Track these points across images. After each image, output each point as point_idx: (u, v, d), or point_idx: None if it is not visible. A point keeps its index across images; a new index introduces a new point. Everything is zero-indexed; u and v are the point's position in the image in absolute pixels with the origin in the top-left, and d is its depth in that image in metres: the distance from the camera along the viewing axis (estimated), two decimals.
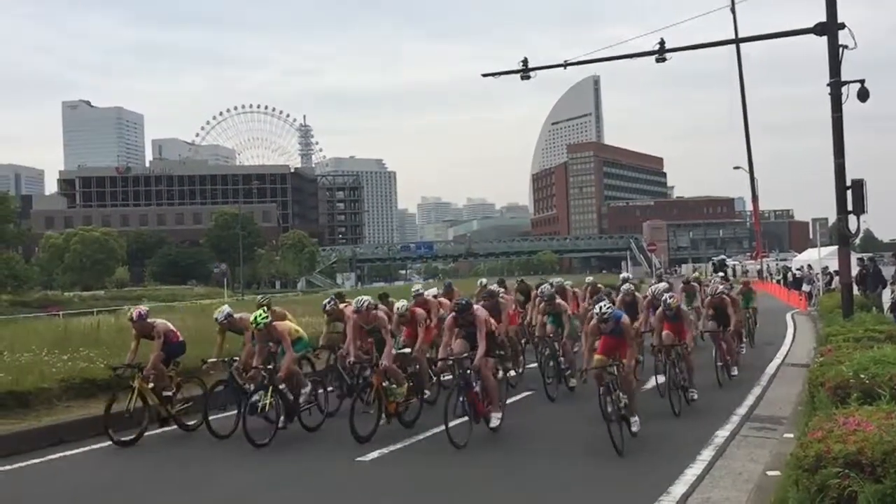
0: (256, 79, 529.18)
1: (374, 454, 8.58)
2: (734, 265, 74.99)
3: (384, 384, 9.51)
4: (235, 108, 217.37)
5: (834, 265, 23.24)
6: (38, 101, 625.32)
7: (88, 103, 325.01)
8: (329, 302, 12.54)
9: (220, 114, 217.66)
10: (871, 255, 28.59)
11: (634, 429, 8.69)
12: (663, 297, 11.21)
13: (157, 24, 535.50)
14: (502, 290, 15.05)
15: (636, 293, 14.06)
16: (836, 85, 15.45)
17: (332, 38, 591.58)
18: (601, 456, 8.00)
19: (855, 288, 19.39)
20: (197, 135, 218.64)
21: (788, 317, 25.97)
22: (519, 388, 12.82)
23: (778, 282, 43.81)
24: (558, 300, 12.82)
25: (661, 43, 18.63)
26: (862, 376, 6.72)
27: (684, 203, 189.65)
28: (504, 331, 12.32)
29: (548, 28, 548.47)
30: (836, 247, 19.31)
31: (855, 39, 15.27)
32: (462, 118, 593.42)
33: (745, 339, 17.10)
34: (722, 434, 9.02)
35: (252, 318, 9.69)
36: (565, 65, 20.24)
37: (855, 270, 20.68)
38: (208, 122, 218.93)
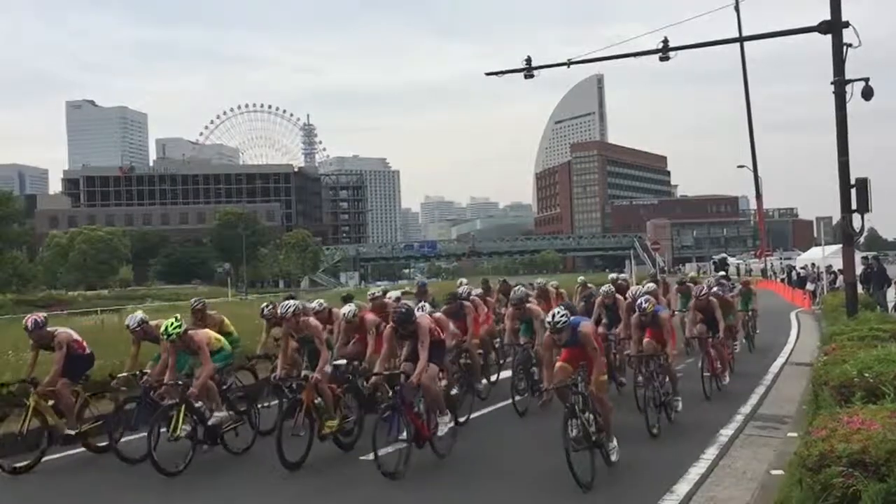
0: (259, 78, 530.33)
1: (379, 452, 8.55)
2: (738, 264, 74.85)
3: (316, 401, 8.46)
4: (239, 108, 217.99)
5: (838, 264, 23.20)
6: (42, 100, 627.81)
7: (92, 103, 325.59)
8: (267, 306, 11.34)
9: (224, 113, 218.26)
10: (875, 253, 28.57)
11: (613, 458, 7.61)
12: (638, 301, 9.86)
13: (159, 23, 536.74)
14: (477, 291, 13.94)
15: (617, 295, 12.57)
16: (840, 83, 15.40)
17: (335, 36, 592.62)
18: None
19: (859, 287, 19.33)
20: (201, 134, 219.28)
21: (792, 315, 25.93)
22: (491, 399, 11.57)
23: (782, 281, 43.79)
24: (529, 305, 11.55)
25: (665, 41, 18.59)
26: (866, 375, 6.71)
27: (688, 202, 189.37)
28: (469, 339, 11.31)
29: (551, 26, 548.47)
30: (840, 245, 19.25)
31: (859, 38, 15.24)
32: (465, 116, 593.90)
33: (742, 340, 16.57)
34: (726, 433, 9.01)
35: (162, 329, 8.47)
36: (569, 63, 20.21)
37: (859, 269, 20.64)
38: (212, 122, 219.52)
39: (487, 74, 21.62)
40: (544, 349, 7.92)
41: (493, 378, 12.66)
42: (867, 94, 15.32)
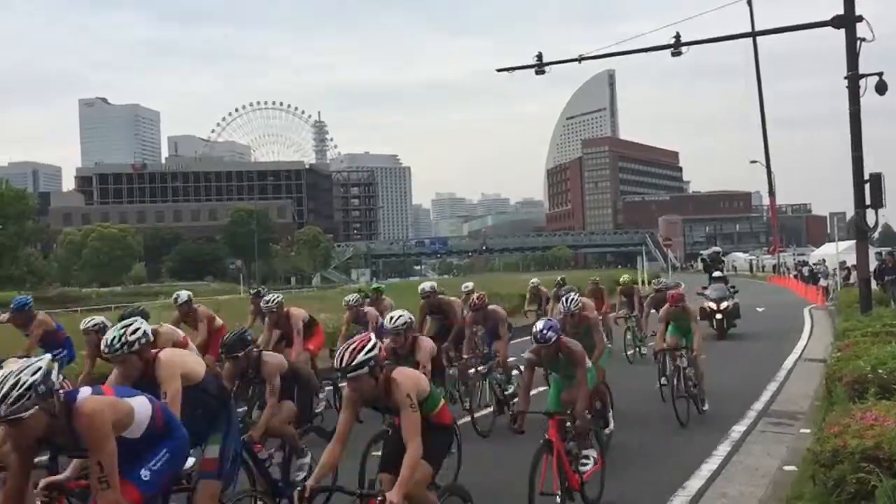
0: (271, 75, 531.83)
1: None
2: (750, 259, 74.09)
3: None
4: (251, 105, 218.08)
5: (852, 260, 23.05)
6: (55, 98, 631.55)
7: (105, 101, 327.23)
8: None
9: (236, 110, 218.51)
10: (889, 249, 28.40)
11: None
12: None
13: (171, 20, 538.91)
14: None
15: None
16: (853, 78, 15.30)
17: (346, 33, 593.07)
18: (612, 451, 7.90)
19: (873, 282, 19.20)
20: (213, 131, 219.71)
21: (806, 311, 25.81)
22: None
23: (795, 276, 43.69)
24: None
25: (677, 36, 18.50)
26: (880, 371, 6.69)
27: (700, 198, 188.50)
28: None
29: (563, 22, 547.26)
30: (854, 241, 19.13)
31: (873, 32, 15.12)
32: (477, 113, 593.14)
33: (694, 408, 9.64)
34: (738, 429, 8.99)
35: None
36: (580, 59, 20.13)
37: (873, 265, 20.50)
38: (224, 119, 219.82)
39: (499, 70, 21.52)
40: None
41: None
42: (881, 88, 15.21)
